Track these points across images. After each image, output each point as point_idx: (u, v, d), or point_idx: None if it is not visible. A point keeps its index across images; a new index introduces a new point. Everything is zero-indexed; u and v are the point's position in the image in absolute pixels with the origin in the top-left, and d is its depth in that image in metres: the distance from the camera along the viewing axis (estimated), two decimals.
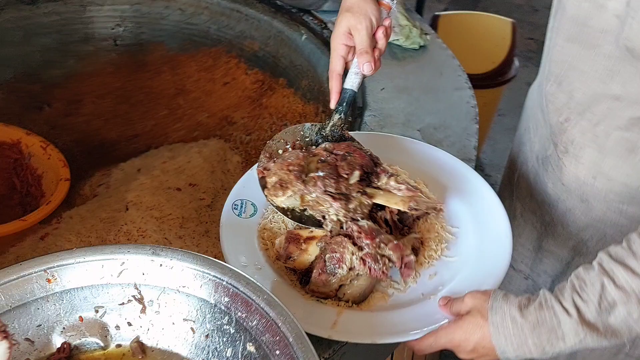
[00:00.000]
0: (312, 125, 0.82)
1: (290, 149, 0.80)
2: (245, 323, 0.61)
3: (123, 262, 0.65)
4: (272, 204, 0.75)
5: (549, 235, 0.91)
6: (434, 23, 1.90)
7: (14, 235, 1.06)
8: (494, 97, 1.97)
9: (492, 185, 0.83)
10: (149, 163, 1.22)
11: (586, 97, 0.75)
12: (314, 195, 0.72)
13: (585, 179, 0.81)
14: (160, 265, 0.64)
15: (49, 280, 0.63)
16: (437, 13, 1.92)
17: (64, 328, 0.64)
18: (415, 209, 0.71)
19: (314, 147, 0.80)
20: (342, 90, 0.80)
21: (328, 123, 0.81)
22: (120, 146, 1.40)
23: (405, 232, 0.76)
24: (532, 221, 0.93)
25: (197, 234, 0.99)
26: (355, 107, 1.07)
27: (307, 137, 0.82)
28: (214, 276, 0.63)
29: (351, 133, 0.93)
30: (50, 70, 1.40)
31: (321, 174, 0.73)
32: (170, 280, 0.64)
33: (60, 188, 1.15)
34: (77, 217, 1.08)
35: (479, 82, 1.91)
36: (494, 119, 2.11)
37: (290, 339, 0.57)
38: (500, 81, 1.92)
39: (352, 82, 0.80)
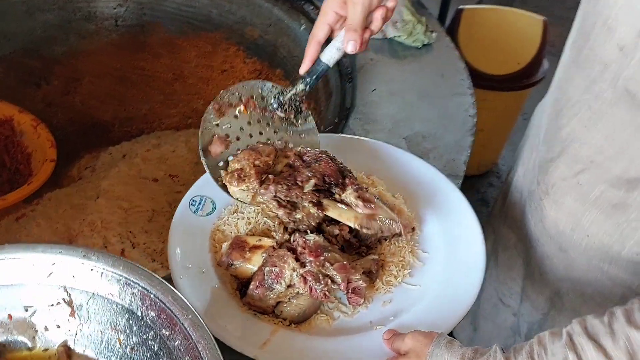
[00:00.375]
0: (273, 86, 0.77)
1: (242, 105, 0.75)
2: (168, 342, 0.58)
3: (54, 263, 0.62)
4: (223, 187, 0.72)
5: (527, 277, 0.82)
6: (457, 17, 1.78)
7: None
8: (516, 100, 1.84)
9: None
10: (135, 149, 1.20)
11: (568, 137, 0.65)
12: (264, 198, 0.68)
13: (564, 229, 0.71)
14: (91, 269, 0.61)
15: None
16: (461, 7, 1.79)
17: None
18: (367, 228, 0.64)
19: (268, 109, 0.76)
20: (317, 61, 0.73)
21: (290, 90, 0.76)
22: (114, 129, 1.38)
23: (362, 252, 0.70)
24: (522, 256, 0.84)
25: (166, 229, 0.95)
26: (343, 107, 1.00)
27: (264, 96, 0.77)
28: (142, 287, 0.60)
29: (332, 136, 0.87)
30: (51, 47, 1.39)
31: (278, 177, 0.68)
32: (100, 286, 0.61)
33: (45, 169, 1.14)
34: (55, 200, 1.07)
35: (500, 83, 1.78)
36: (517, 122, 1.97)
37: None
38: (525, 84, 1.78)
39: (329, 56, 0.73)
